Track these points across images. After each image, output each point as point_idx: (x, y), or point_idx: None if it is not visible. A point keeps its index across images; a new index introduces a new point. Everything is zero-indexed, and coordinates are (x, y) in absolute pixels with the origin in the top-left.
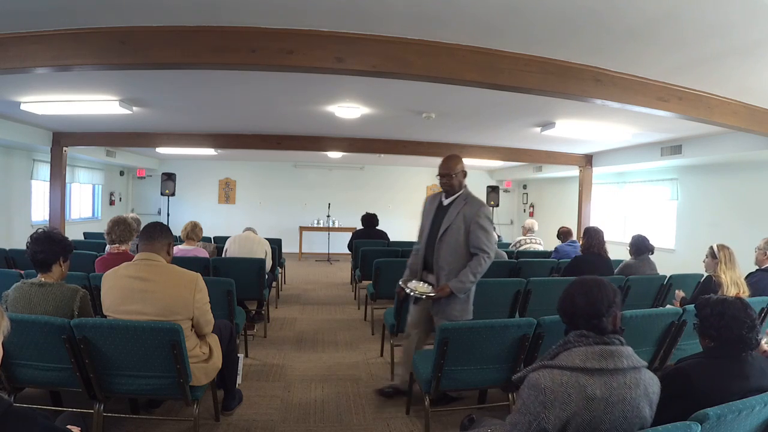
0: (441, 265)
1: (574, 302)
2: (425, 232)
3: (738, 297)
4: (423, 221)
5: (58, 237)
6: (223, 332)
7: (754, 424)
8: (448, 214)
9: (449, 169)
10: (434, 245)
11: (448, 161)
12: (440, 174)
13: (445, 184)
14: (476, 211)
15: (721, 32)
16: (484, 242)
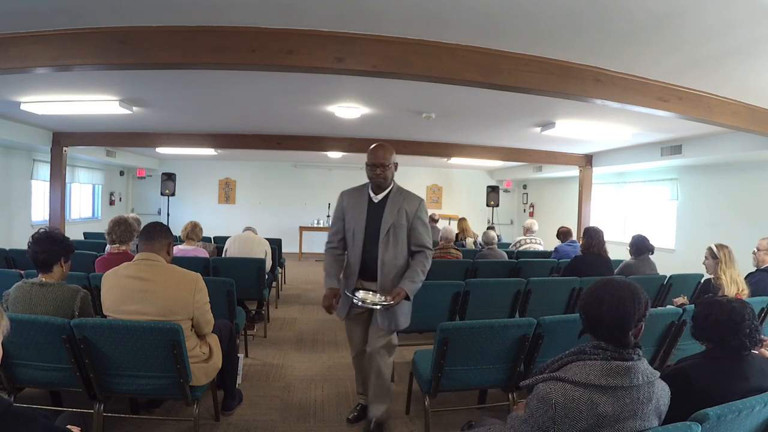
0: (387, 270)
1: (601, 309)
2: (359, 234)
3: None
4: (349, 220)
5: (60, 237)
6: (223, 332)
7: (754, 424)
8: (387, 212)
9: (384, 159)
10: (376, 248)
11: (381, 150)
12: (372, 164)
13: (379, 176)
14: (418, 206)
15: (721, 32)
16: (427, 239)
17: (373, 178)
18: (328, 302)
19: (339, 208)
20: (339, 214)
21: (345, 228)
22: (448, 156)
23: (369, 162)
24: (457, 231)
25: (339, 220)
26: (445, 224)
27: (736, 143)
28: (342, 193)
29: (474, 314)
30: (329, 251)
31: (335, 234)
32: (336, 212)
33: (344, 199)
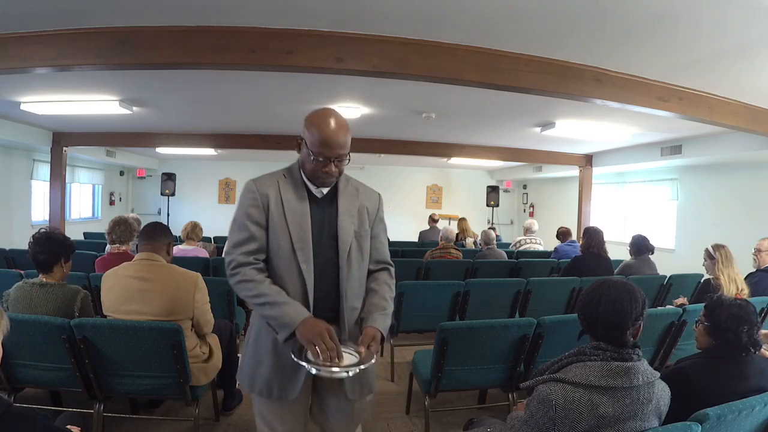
0: (352, 305)
1: (598, 309)
2: (303, 252)
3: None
4: (276, 228)
5: (60, 237)
6: (223, 332)
7: (754, 424)
8: (344, 213)
9: (347, 147)
10: (333, 272)
11: (344, 133)
12: (327, 157)
13: (337, 168)
14: (379, 203)
15: (722, 32)
16: (388, 251)
17: (323, 176)
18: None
19: (252, 205)
20: (254, 216)
21: (269, 241)
22: (448, 156)
23: (323, 152)
24: (457, 231)
25: (255, 226)
26: (445, 224)
27: (736, 143)
28: (253, 183)
29: (474, 314)
30: (251, 271)
31: (252, 248)
32: (246, 211)
33: (260, 191)
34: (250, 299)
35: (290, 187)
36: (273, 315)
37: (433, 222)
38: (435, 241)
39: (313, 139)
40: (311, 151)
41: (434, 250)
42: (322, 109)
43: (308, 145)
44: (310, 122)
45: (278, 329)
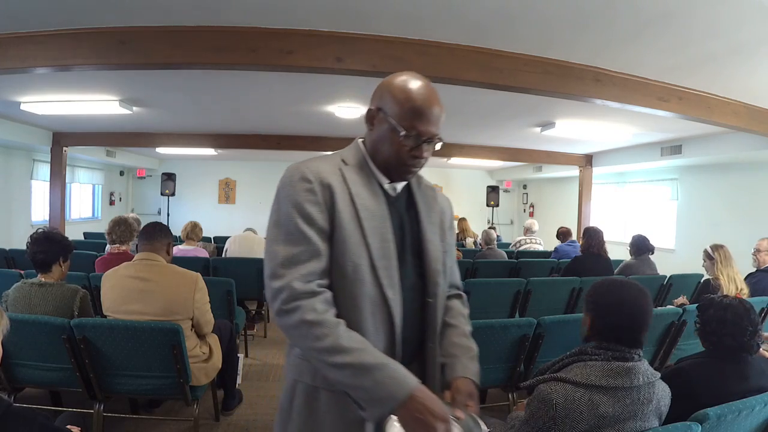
0: (437, 343)
1: (622, 310)
2: (388, 266)
3: (740, 299)
4: (349, 238)
5: (58, 237)
6: (223, 332)
7: (754, 424)
8: (425, 222)
9: (441, 124)
10: (420, 297)
11: (441, 105)
12: (430, 130)
13: (428, 154)
14: (451, 209)
15: (721, 32)
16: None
17: (409, 164)
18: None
19: (310, 200)
20: (314, 218)
21: (336, 256)
22: (448, 156)
23: (417, 126)
24: (457, 231)
25: (317, 233)
26: None
27: (736, 143)
28: (305, 168)
29: (474, 314)
30: (320, 306)
31: (315, 267)
32: (301, 210)
33: (320, 181)
34: (318, 354)
35: (358, 179)
36: (361, 385)
37: None
38: None
39: (403, 108)
40: (399, 125)
41: None
42: (406, 72)
43: (393, 116)
44: (395, 86)
45: (366, 404)
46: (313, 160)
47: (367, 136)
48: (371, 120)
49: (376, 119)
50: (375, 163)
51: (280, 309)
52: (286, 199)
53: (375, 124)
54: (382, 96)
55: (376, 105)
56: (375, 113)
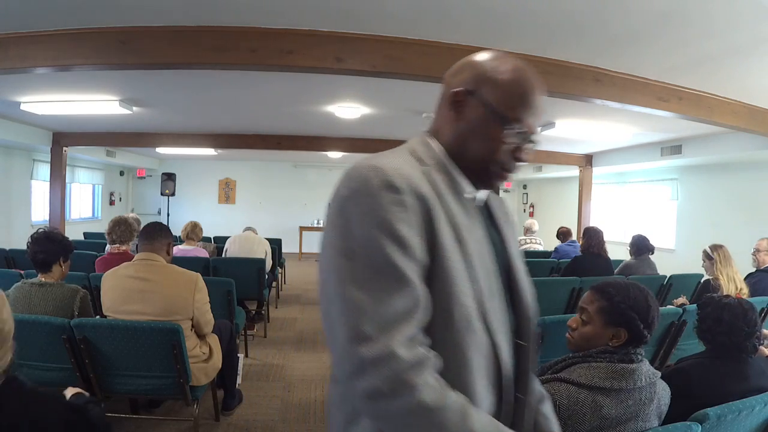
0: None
1: (650, 310)
2: (494, 307)
3: (740, 299)
4: (455, 270)
5: (58, 237)
6: (223, 332)
7: (754, 424)
8: (510, 243)
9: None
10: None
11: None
12: (536, 125)
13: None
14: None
15: (721, 32)
16: None
17: (508, 167)
18: None
19: (403, 220)
20: (412, 246)
21: (438, 297)
22: None
23: (524, 119)
24: None
25: (416, 268)
26: None
27: (736, 143)
28: (391, 170)
29: None
30: (433, 382)
31: (419, 319)
32: (393, 233)
33: (413, 190)
34: None
35: (446, 188)
36: None
37: None
38: None
39: (510, 93)
40: (501, 115)
41: None
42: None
43: (493, 104)
44: (497, 64)
45: None
46: (387, 157)
47: (447, 127)
48: (458, 105)
49: (466, 105)
50: (458, 164)
51: (377, 390)
52: (364, 216)
53: (464, 111)
54: (477, 75)
55: (465, 86)
56: (464, 97)
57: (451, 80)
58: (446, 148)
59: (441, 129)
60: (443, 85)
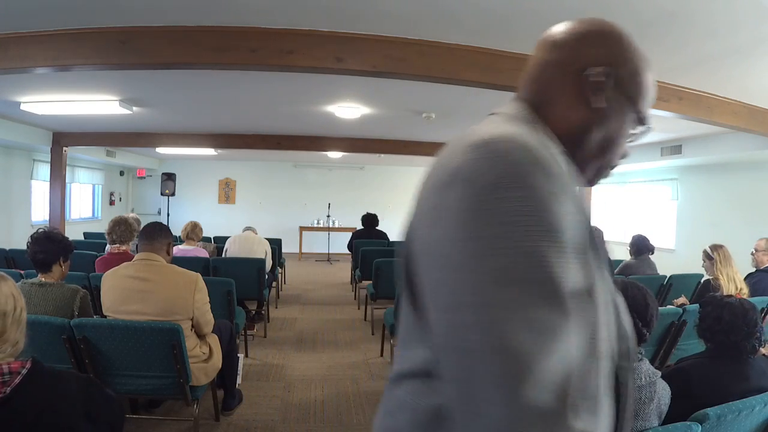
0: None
1: (646, 302)
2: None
3: (741, 299)
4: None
5: (58, 237)
6: (223, 332)
7: (754, 424)
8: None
9: None
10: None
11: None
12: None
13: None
14: None
15: (722, 32)
16: None
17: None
18: None
19: (578, 229)
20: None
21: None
22: None
23: (647, 114)
24: None
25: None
26: None
27: (736, 143)
28: (539, 149)
29: None
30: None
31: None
32: (563, 251)
33: (572, 189)
34: None
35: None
36: None
37: None
38: None
39: (641, 77)
40: (635, 105)
41: None
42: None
43: (630, 91)
44: (629, 42)
45: None
46: (519, 129)
47: (569, 111)
48: (596, 89)
49: (604, 89)
50: (573, 157)
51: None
52: (522, 215)
53: (601, 97)
54: (616, 52)
55: (603, 64)
56: (603, 77)
57: (578, 49)
58: (557, 134)
59: (554, 110)
60: (556, 50)
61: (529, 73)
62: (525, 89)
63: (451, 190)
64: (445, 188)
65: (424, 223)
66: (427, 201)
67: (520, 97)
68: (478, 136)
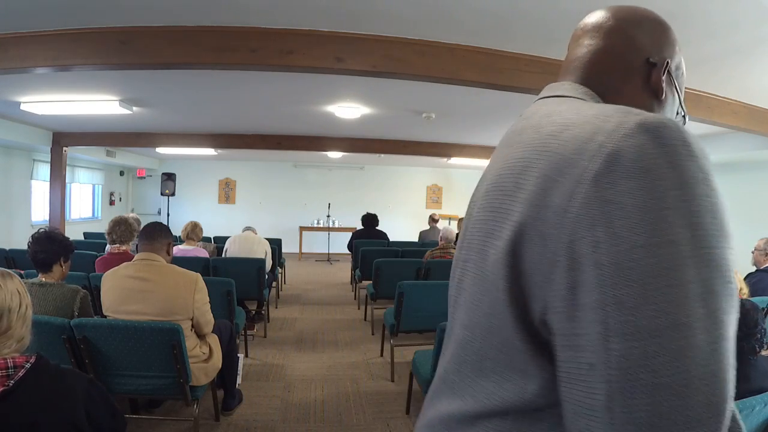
0: None
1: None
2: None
3: (742, 299)
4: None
5: (59, 237)
6: (223, 332)
7: (754, 424)
8: None
9: None
10: None
11: None
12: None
13: None
14: None
15: (722, 32)
16: None
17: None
18: None
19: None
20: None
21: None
22: (448, 156)
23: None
24: (457, 231)
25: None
26: (445, 224)
27: (736, 143)
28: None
29: None
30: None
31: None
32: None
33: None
34: None
35: None
36: None
37: (433, 222)
38: (435, 241)
39: (685, 79)
40: (681, 103)
41: (434, 250)
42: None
43: (682, 89)
44: (676, 41)
45: None
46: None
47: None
48: (661, 79)
49: (665, 82)
50: None
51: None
52: (709, 215)
53: (663, 90)
54: (668, 39)
55: (668, 57)
56: (661, 68)
57: (637, 38)
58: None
59: (619, 100)
60: (613, 36)
61: (582, 58)
62: (581, 74)
63: (619, 182)
64: (604, 179)
65: (569, 223)
66: (561, 193)
67: (577, 81)
68: (640, 119)
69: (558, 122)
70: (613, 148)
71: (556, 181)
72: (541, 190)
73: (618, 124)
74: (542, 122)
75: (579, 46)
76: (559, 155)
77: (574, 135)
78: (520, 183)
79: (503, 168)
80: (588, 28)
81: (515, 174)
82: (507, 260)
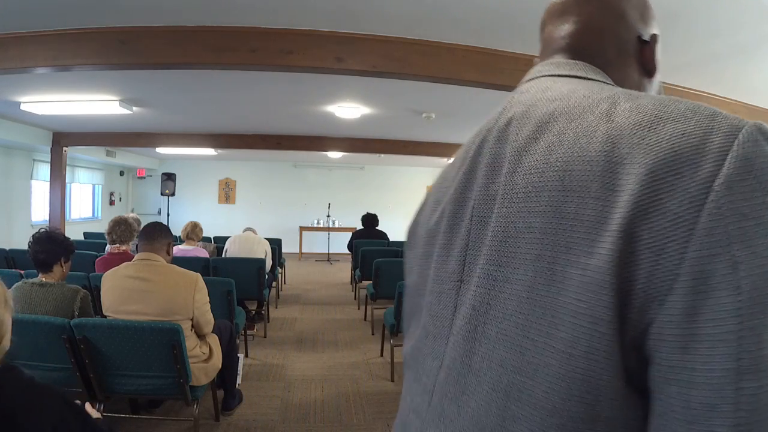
0: None
1: None
2: None
3: None
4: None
5: (60, 237)
6: (223, 332)
7: None
8: None
9: None
10: None
11: None
12: None
13: None
14: None
15: (722, 32)
16: None
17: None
18: None
19: None
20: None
21: None
22: (448, 156)
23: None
24: None
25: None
26: None
27: None
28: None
29: None
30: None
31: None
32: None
33: None
34: None
35: None
36: None
37: None
38: None
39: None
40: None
41: None
42: None
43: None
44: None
45: None
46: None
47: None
48: (653, 58)
49: (656, 55)
50: None
51: None
52: None
53: (654, 58)
54: (650, 12)
55: (647, 28)
56: (653, 44)
57: (628, 11)
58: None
59: (613, 75)
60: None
61: (574, 33)
62: (578, 48)
63: (755, 195)
64: (738, 188)
65: (697, 236)
66: (679, 198)
67: (577, 55)
68: (753, 122)
69: (639, 111)
70: (742, 154)
71: (667, 182)
72: (652, 191)
73: (733, 126)
74: (603, 108)
75: (565, 22)
76: (668, 151)
77: (679, 131)
78: (610, 182)
79: (564, 161)
80: (571, 1)
81: (597, 171)
82: (612, 283)
